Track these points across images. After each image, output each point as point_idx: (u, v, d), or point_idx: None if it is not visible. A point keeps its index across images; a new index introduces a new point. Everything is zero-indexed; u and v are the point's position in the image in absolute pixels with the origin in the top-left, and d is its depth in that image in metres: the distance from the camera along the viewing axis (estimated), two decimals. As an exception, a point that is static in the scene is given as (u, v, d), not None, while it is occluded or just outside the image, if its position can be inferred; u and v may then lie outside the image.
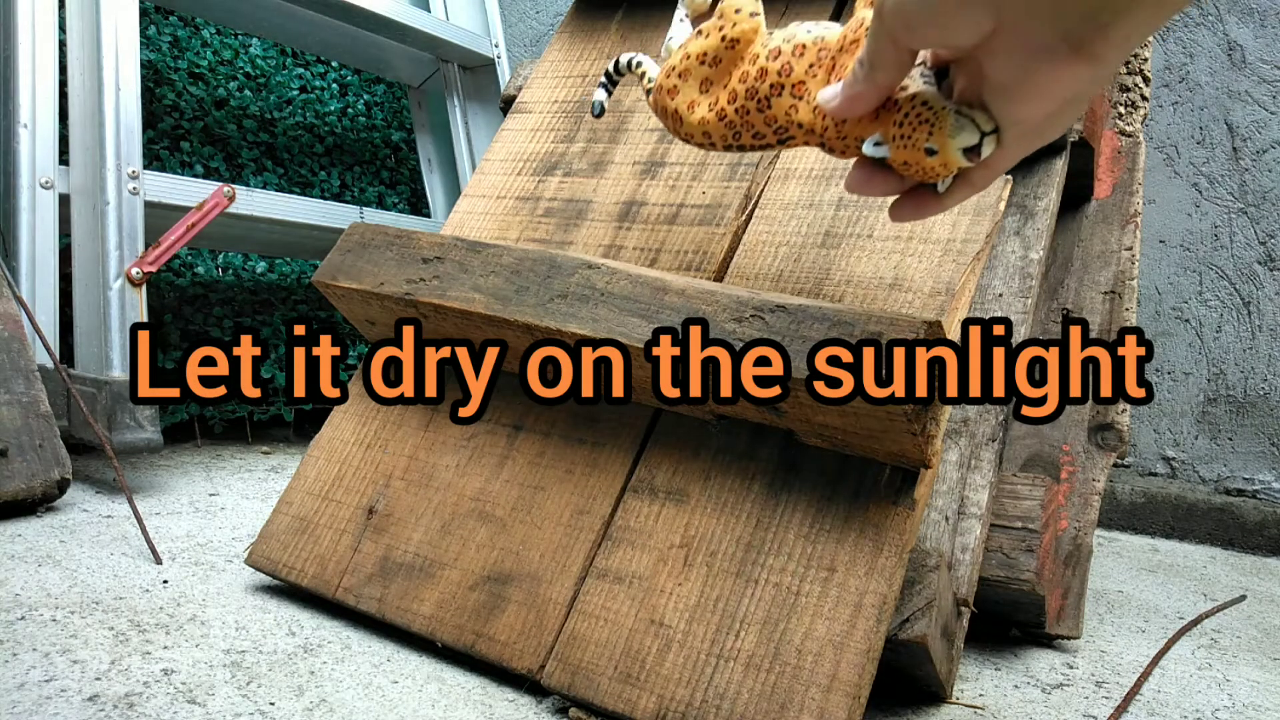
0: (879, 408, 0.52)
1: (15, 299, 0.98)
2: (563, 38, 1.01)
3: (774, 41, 0.56)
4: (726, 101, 0.58)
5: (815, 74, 0.54)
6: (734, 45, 0.58)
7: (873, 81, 0.46)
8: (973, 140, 0.44)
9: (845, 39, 0.52)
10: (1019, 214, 0.79)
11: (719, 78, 0.59)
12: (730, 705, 0.52)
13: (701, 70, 0.59)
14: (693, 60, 0.60)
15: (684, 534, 0.59)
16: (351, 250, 0.75)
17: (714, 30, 0.59)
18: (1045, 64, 0.38)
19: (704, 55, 0.59)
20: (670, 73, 0.61)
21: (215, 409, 1.35)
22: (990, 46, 0.39)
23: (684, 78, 0.60)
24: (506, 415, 0.71)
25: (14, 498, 0.88)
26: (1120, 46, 0.36)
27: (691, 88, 0.60)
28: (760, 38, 0.57)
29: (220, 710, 0.53)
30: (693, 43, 0.60)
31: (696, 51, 0.60)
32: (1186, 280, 1.36)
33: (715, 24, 0.59)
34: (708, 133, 0.60)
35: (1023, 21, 0.37)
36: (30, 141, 1.02)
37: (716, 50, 0.59)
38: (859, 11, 0.53)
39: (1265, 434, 1.31)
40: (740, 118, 0.57)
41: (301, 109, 1.61)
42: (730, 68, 0.58)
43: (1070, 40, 0.36)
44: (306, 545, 0.71)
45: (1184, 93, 1.36)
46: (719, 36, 0.58)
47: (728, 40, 0.58)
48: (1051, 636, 0.77)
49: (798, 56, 0.54)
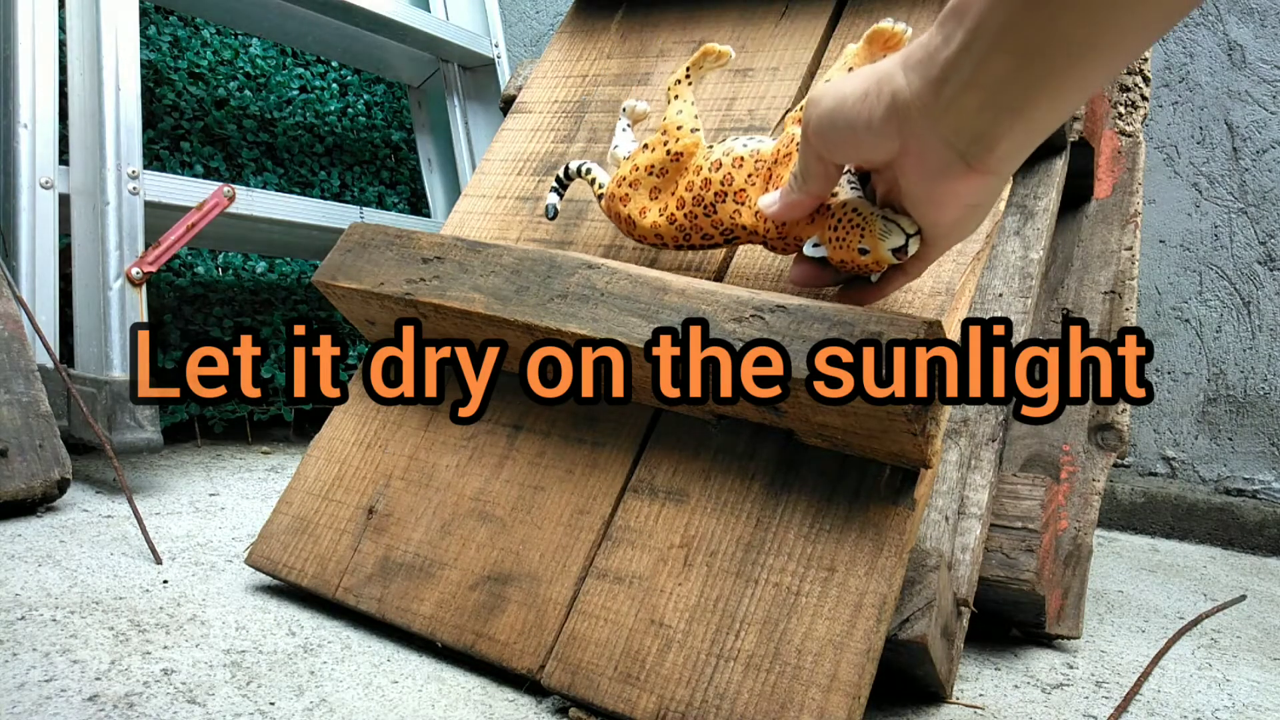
0: (879, 408, 0.52)
1: (15, 299, 0.98)
2: (563, 38, 1.01)
3: (714, 154, 0.64)
4: (675, 207, 0.65)
5: (754, 182, 0.61)
6: (678, 158, 0.65)
7: (806, 191, 0.53)
8: (900, 242, 0.50)
9: (779, 152, 0.60)
10: (1019, 214, 0.79)
11: (666, 186, 0.66)
12: (730, 705, 0.52)
13: (650, 180, 0.67)
14: (641, 171, 0.67)
15: (684, 534, 0.59)
16: (351, 250, 0.75)
17: (659, 144, 0.66)
18: (946, 179, 0.44)
19: (651, 167, 0.67)
20: (621, 182, 0.69)
21: (215, 409, 1.35)
22: (900, 163, 0.46)
23: (634, 187, 0.68)
24: (506, 415, 0.71)
25: (14, 498, 0.88)
26: (1008, 161, 0.42)
27: (642, 195, 0.68)
28: (701, 151, 0.65)
29: (220, 710, 0.53)
30: (641, 156, 0.68)
31: (645, 164, 0.67)
32: (1186, 280, 1.36)
33: (660, 139, 0.66)
34: (659, 235, 0.67)
35: (923, 145, 0.43)
36: (30, 141, 1.02)
37: (663, 162, 0.66)
38: (789, 128, 0.60)
39: (1265, 434, 1.31)
40: (689, 221, 0.65)
41: (301, 109, 1.61)
42: (676, 177, 0.66)
43: (965, 158, 0.42)
44: (306, 545, 0.71)
45: (1184, 93, 1.36)
46: (664, 150, 0.66)
47: (672, 154, 0.65)
48: (1051, 636, 0.77)
49: (737, 167, 0.62)
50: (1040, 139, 0.41)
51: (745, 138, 0.64)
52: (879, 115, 0.44)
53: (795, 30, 0.87)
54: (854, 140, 0.46)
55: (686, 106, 0.67)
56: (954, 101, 0.40)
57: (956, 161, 0.42)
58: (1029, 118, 0.40)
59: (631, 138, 0.74)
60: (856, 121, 0.45)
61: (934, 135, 0.42)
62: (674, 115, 0.66)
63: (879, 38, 0.59)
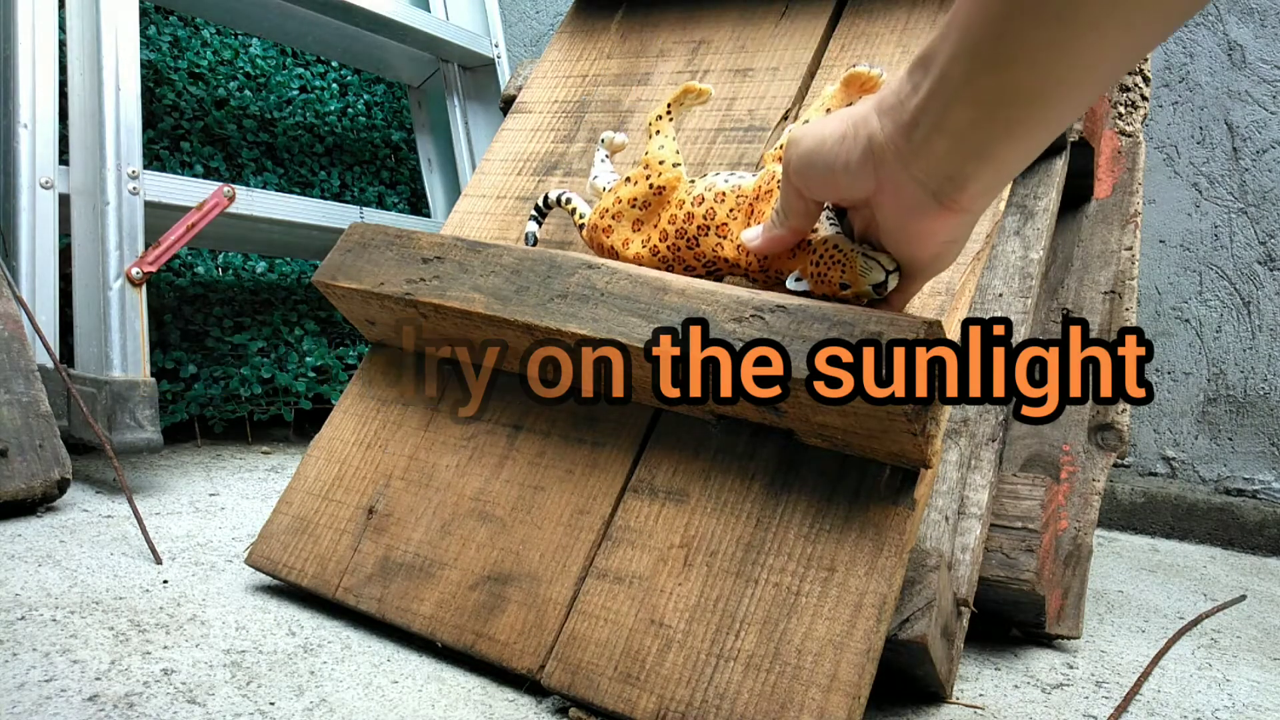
0: (879, 408, 0.52)
1: (15, 299, 0.98)
2: (563, 38, 1.01)
3: (697, 189, 0.66)
4: (658, 239, 0.67)
5: (736, 217, 0.63)
6: (661, 192, 0.67)
7: (787, 226, 0.56)
8: (880, 278, 0.52)
9: (760, 188, 0.62)
10: (1019, 214, 0.79)
11: (649, 218, 0.68)
12: (730, 705, 0.52)
13: (632, 212, 0.69)
14: (624, 204, 0.69)
15: (684, 534, 0.59)
16: (351, 250, 0.75)
17: (641, 178, 0.68)
18: (920, 217, 0.46)
19: (634, 200, 0.68)
20: (604, 214, 0.70)
21: (215, 409, 1.35)
22: (876, 201, 0.48)
23: (617, 219, 0.69)
24: (506, 415, 0.71)
25: (14, 498, 0.88)
26: (979, 200, 0.44)
27: (625, 227, 0.69)
28: (683, 185, 0.67)
29: (220, 710, 0.53)
30: (623, 189, 0.69)
31: (627, 197, 0.69)
32: (1186, 280, 1.36)
33: (642, 173, 0.68)
34: (642, 266, 0.67)
35: (898, 185, 0.45)
36: (30, 141, 1.02)
37: (645, 196, 0.68)
38: (769, 166, 0.62)
39: (1265, 434, 1.31)
40: (672, 253, 0.66)
41: (301, 109, 1.61)
42: (659, 209, 0.68)
43: (938, 198, 0.44)
44: (306, 545, 0.71)
45: (1184, 93, 1.36)
46: (647, 184, 0.68)
47: (655, 188, 0.67)
48: (1051, 636, 0.77)
49: (719, 202, 0.64)
50: (1011, 177, 0.44)
51: (726, 173, 0.66)
52: (856, 157, 0.46)
53: (795, 30, 0.87)
54: (833, 179, 0.48)
55: (668, 141, 0.69)
56: (924, 146, 0.42)
57: (930, 201, 0.44)
58: (997, 160, 0.41)
59: (610, 168, 0.76)
60: (835, 162, 0.47)
61: (907, 176, 0.44)
62: (656, 150, 0.68)
63: (855, 81, 0.62)
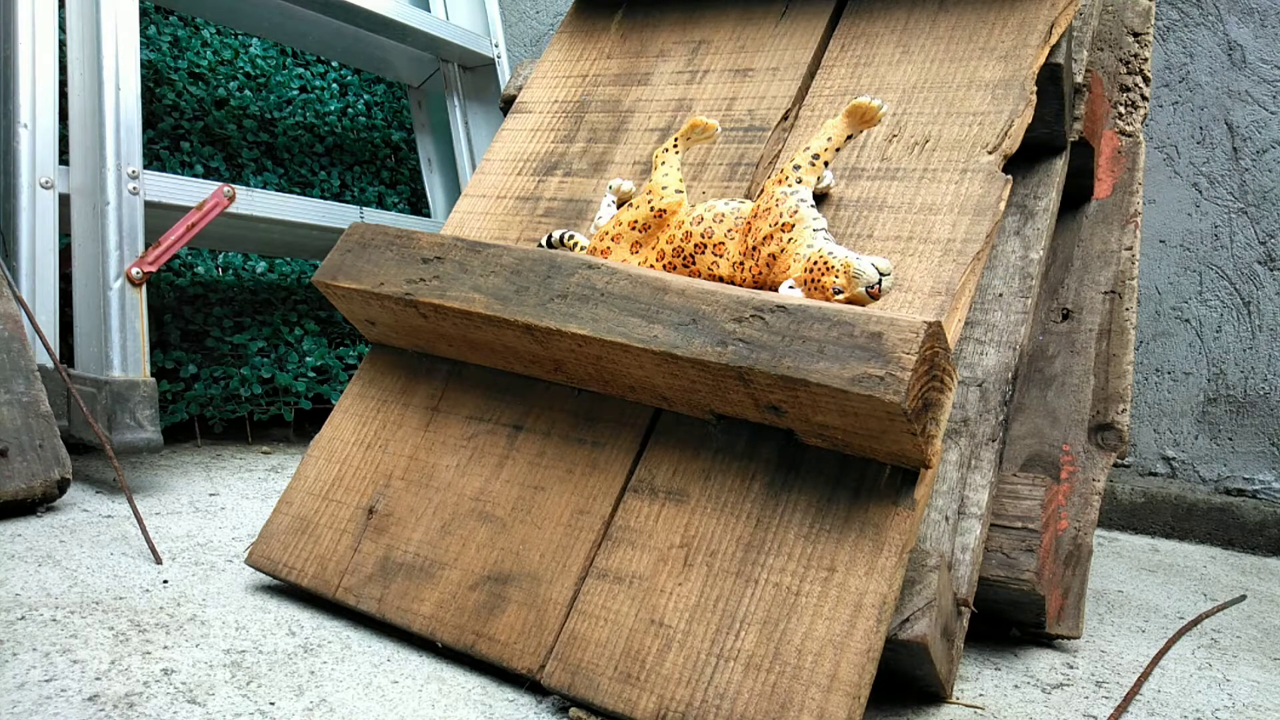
0: (879, 407, 0.52)
1: (15, 299, 0.98)
2: (563, 38, 1.01)
3: (697, 211, 0.70)
4: (655, 259, 0.72)
5: (733, 236, 0.67)
6: (661, 215, 0.72)
7: None
8: (874, 279, 0.56)
9: (757, 209, 0.66)
10: (1019, 214, 0.79)
11: (647, 240, 0.73)
12: (730, 705, 0.52)
13: (632, 234, 0.73)
14: (624, 226, 0.73)
15: (684, 534, 0.59)
16: (351, 250, 0.75)
17: (644, 203, 0.73)
18: None
19: (635, 222, 0.73)
20: (604, 236, 0.74)
21: (215, 409, 1.35)
22: None
23: (616, 240, 0.73)
24: (506, 415, 0.71)
25: (14, 498, 0.88)
26: None
27: (623, 248, 0.73)
28: (683, 209, 0.71)
29: (220, 710, 0.53)
30: (625, 213, 0.74)
31: (629, 220, 0.73)
32: (1186, 280, 1.36)
33: (645, 198, 0.73)
34: None
35: None
36: (30, 141, 1.02)
37: (646, 218, 0.72)
38: (768, 189, 0.66)
39: (1265, 434, 1.31)
40: (668, 271, 0.70)
41: (301, 109, 1.61)
42: (658, 231, 0.72)
43: None
44: (306, 545, 0.71)
45: (1184, 93, 1.36)
46: (649, 208, 0.72)
47: (655, 210, 0.72)
48: (1051, 636, 0.77)
49: (717, 222, 0.69)
50: None
51: (725, 199, 0.71)
52: None
53: (795, 30, 0.87)
54: None
55: (673, 171, 0.73)
56: None
57: None
58: None
59: (615, 212, 0.79)
60: None
61: None
62: (660, 178, 0.73)
63: (857, 112, 0.65)
